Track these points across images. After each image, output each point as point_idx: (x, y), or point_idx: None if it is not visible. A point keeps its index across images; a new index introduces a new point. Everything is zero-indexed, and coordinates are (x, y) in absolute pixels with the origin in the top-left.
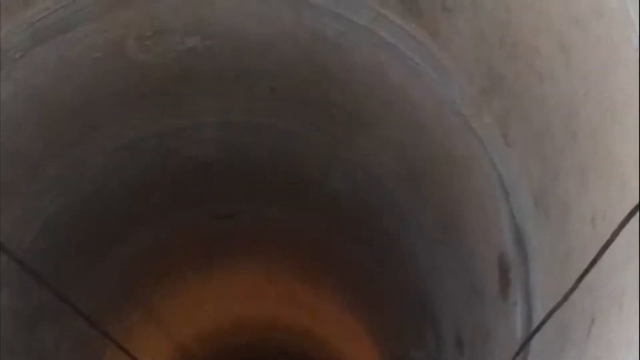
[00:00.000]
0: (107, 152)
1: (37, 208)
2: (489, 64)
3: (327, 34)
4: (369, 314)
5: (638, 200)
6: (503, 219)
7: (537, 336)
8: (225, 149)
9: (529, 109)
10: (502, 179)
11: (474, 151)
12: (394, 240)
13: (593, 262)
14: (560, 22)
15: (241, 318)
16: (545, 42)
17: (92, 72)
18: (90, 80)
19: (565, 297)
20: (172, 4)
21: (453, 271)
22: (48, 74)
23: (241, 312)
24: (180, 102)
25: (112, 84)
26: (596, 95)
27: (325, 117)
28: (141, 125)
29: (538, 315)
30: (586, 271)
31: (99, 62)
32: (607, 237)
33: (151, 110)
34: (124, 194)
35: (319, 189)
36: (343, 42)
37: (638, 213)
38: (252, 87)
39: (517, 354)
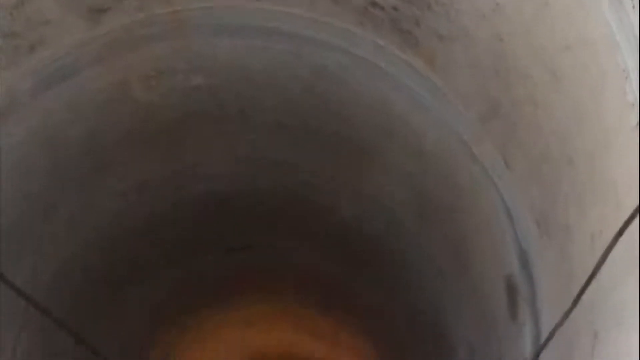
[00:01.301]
0: (116, 194)
1: (52, 251)
2: (486, 91)
3: (327, 66)
4: (382, 343)
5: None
6: (509, 243)
7: (545, 355)
8: (233, 185)
9: (526, 135)
10: (506, 203)
11: (477, 177)
12: (404, 269)
13: (591, 277)
14: (550, 50)
15: (259, 349)
16: (537, 69)
17: (99, 114)
18: (97, 122)
19: (567, 314)
20: (174, 45)
21: (464, 297)
22: (56, 118)
23: (259, 343)
24: (186, 141)
25: (118, 125)
26: (589, 120)
27: (330, 148)
28: (149, 165)
29: (546, 334)
30: (585, 287)
31: (104, 104)
32: (602, 251)
33: (158, 150)
34: (137, 235)
35: (328, 219)
36: (343, 74)
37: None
38: (256, 122)
39: None
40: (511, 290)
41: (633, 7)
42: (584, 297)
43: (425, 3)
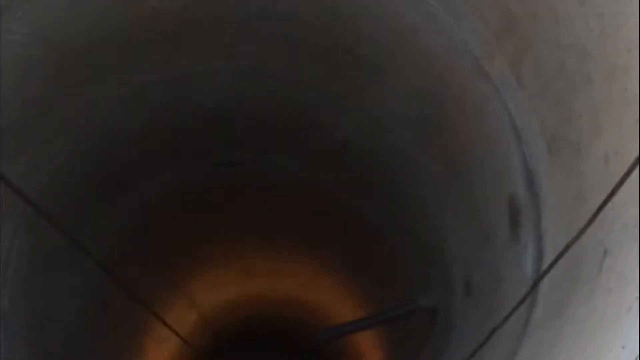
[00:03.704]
0: (115, 98)
1: (49, 153)
2: (503, 3)
3: None
4: (374, 265)
5: None
6: (514, 162)
7: (547, 277)
8: (233, 96)
9: (543, 51)
10: (515, 122)
11: (487, 95)
12: (404, 188)
13: (611, 194)
14: None
15: (247, 267)
16: None
17: (102, 15)
18: (99, 24)
19: (582, 231)
20: None
21: (463, 215)
22: (58, 16)
23: (248, 261)
24: (188, 48)
25: (120, 29)
26: (612, 34)
27: (335, 62)
28: (149, 71)
29: (549, 257)
30: (604, 204)
31: (108, 5)
32: (622, 173)
33: (158, 56)
34: (132, 141)
35: (328, 137)
36: None
37: None
38: (260, 33)
39: (528, 294)
40: (514, 210)
41: None
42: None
43: None
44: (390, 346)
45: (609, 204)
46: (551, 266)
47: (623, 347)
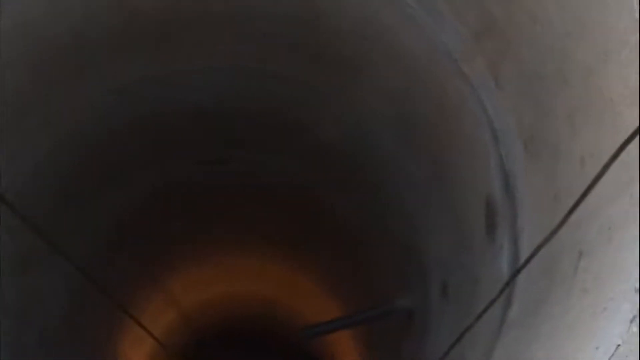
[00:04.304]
0: (96, 96)
1: (27, 150)
2: (482, 5)
3: None
4: (354, 265)
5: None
6: (492, 163)
7: (523, 275)
8: (214, 94)
9: (521, 52)
10: (492, 123)
11: (465, 96)
12: (382, 188)
13: (585, 194)
14: None
15: (227, 266)
16: None
17: (84, 10)
18: (81, 19)
19: (554, 231)
20: None
21: (441, 218)
22: (40, 10)
23: (228, 260)
24: (169, 45)
25: (102, 24)
26: (590, 36)
27: (315, 61)
28: (130, 69)
29: (524, 257)
30: (574, 207)
31: (89, 1)
32: (596, 173)
33: (140, 53)
34: (113, 139)
35: (308, 135)
36: None
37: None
38: (241, 30)
39: (502, 292)
40: (491, 211)
41: None
42: (570, 217)
43: None
44: (367, 347)
45: (583, 205)
46: (524, 265)
47: (597, 348)
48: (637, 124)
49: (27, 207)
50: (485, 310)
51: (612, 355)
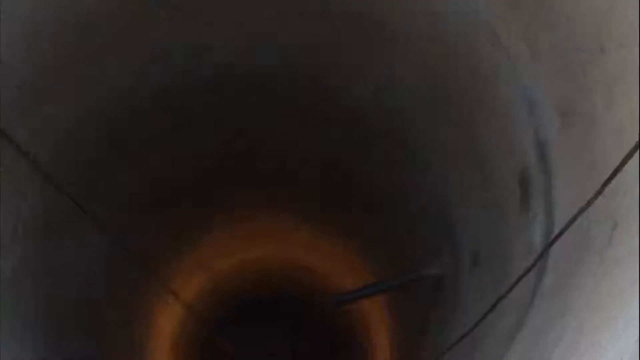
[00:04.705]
0: (125, 65)
1: (57, 116)
2: None
3: None
4: (384, 232)
5: None
6: (526, 132)
7: (555, 246)
8: (244, 63)
9: (557, 21)
10: (527, 92)
11: (500, 65)
12: (413, 155)
13: (621, 165)
14: None
15: (256, 231)
16: None
17: None
18: None
19: (589, 202)
20: None
21: (473, 185)
22: None
23: (256, 226)
24: (195, 14)
25: None
26: (626, 5)
27: (346, 27)
28: (157, 38)
29: (558, 227)
30: (612, 175)
31: None
32: (633, 144)
33: (166, 23)
34: (141, 108)
35: (337, 103)
36: None
37: None
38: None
39: (536, 261)
40: (525, 181)
41: None
42: (606, 188)
43: None
44: (396, 314)
45: (620, 176)
46: (559, 235)
47: (631, 320)
48: None
49: (58, 174)
50: (519, 280)
51: None
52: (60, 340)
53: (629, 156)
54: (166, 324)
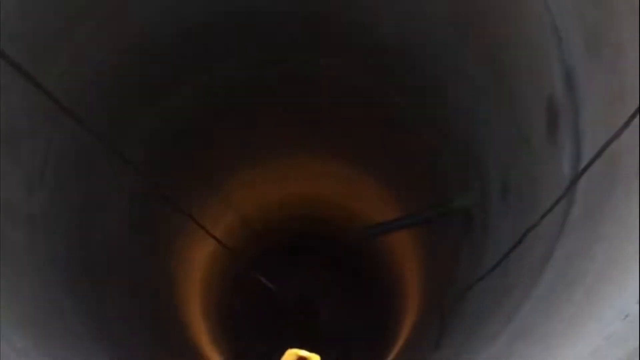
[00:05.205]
0: (149, 2)
1: (84, 55)
2: None
3: None
4: (413, 165)
5: None
6: (553, 62)
7: (585, 176)
8: None
9: None
10: (554, 21)
11: None
12: (441, 88)
13: None
14: None
15: (288, 168)
16: None
17: None
18: None
19: (618, 132)
20: None
21: (500, 117)
22: None
23: (289, 162)
24: None
25: None
26: None
27: None
28: None
29: (586, 157)
30: None
31: None
32: None
33: None
34: (170, 42)
35: (369, 37)
36: None
37: None
38: None
39: (564, 194)
40: (552, 110)
41: None
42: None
43: None
44: (426, 248)
45: None
46: (588, 166)
47: None
48: None
49: (87, 113)
50: (549, 211)
51: None
52: (92, 278)
53: None
54: (198, 257)
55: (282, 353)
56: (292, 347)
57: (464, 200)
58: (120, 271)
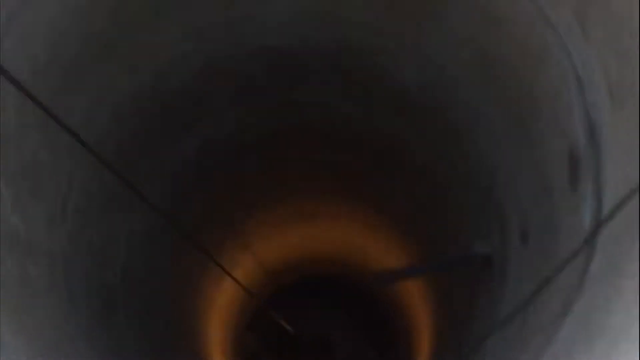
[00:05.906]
0: (174, 39)
1: (108, 92)
2: None
3: None
4: (433, 211)
5: None
6: (576, 112)
7: (605, 231)
8: (297, 39)
9: None
10: (577, 71)
11: (549, 43)
12: (462, 133)
13: None
14: None
15: (306, 211)
16: None
17: None
18: None
19: None
20: None
21: (522, 164)
22: None
23: (307, 205)
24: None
25: None
26: None
27: (396, 6)
28: (208, 11)
29: (608, 209)
30: None
31: None
32: None
33: None
34: (193, 82)
35: (386, 82)
36: None
37: None
38: None
39: (585, 244)
40: (574, 161)
41: None
42: None
43: None
44: (444, 292)
45: None
46: (609, 218)
47: None
48: None
49: (106, 150)
50: (567, 263)
51: None
52: (110, 314)
53: None
54: (215, 295)
55: None
56: None
57: (483, 247)
58: (137, 307)
